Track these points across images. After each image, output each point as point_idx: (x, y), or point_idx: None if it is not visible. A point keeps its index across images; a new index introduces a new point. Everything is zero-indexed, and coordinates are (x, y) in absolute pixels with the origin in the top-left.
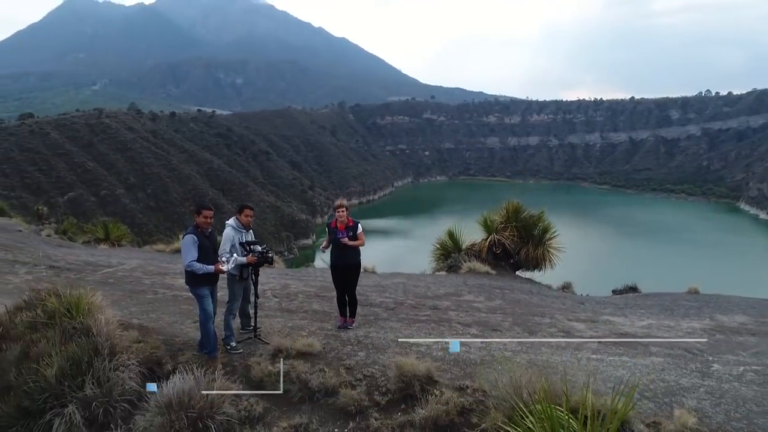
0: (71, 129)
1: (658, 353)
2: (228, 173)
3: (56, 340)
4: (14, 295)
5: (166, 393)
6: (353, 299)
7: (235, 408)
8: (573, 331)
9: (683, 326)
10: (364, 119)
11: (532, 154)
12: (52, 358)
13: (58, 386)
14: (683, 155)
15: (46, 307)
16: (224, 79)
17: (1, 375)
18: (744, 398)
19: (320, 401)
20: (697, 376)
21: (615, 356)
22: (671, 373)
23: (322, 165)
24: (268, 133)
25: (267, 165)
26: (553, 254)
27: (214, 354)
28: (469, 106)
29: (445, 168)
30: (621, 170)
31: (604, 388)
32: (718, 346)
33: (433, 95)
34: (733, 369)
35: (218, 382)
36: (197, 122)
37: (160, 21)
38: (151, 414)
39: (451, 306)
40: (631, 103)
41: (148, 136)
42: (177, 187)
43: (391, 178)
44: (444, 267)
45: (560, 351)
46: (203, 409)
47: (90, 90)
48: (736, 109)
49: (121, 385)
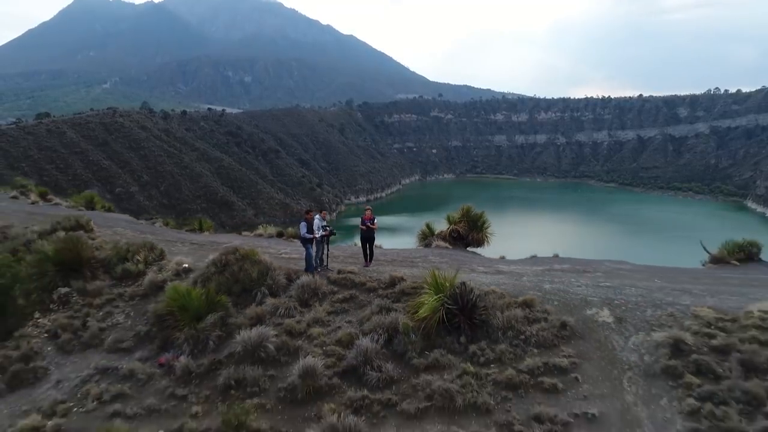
0: (86, 128)
1: (504, 275)
2: (238, 171)
3: (250, 264)
4: (197, 254)
5: (298, 283)
6: (372, 253)
7: (326, 289)
8: (476, 269)
9: (531, 269)
10: (372, 117)
11: (540, 152)
12: (252, 270)
13: (257, 280)
14: (691, 153)
15: (239, 254)
16: (233, 77)
17: (239, 276)
18: (524, 286)
19: (358, 287)
20: (513, 278)
21: (486, 275)
22: (503, 279)
23: (330, 163)
24: (277, 132)
25: (276, 163)
26: (488, 236)
27: (311, 271)
28: (477, 104)
29: (452, 166)
30: (628, 168)
31: (473, 283)
32: (541, 274)
33: (440, 93)
34: (533, 278)
35: (317, 279)
36: (208, 121)
37: (170, 19)
38: (293, 290)
39: (420, 261)
40: (639, 101)
41: (160, 134)
42: (189, 185)
43: (398, 176)
44: (422, 244)
45: (467, 273)
46: (315, 287)
47: (101, 88)
48: (745, 107)
49: (279, 281)
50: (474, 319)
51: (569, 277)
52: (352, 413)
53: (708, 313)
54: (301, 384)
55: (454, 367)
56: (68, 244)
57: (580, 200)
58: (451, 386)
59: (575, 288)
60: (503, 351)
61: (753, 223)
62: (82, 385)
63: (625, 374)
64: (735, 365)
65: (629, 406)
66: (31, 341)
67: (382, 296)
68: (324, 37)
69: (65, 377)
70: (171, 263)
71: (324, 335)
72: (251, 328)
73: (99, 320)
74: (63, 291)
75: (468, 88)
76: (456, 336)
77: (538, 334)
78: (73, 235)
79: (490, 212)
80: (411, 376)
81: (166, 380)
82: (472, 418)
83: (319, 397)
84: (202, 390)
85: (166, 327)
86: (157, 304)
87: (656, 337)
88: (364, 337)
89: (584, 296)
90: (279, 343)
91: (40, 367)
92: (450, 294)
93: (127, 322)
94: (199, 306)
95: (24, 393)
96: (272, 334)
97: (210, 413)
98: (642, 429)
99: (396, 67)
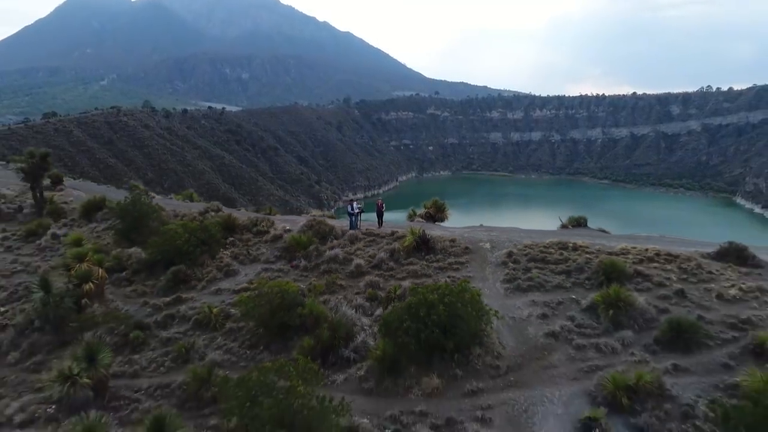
0: (92, 127)
1: (447, 231)
2: (239, 168)
3: (323, 225)
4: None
5: (348, 234)
6: (382, 222)
7: (360, 236)
8: (434, 229)
9: (463, 229)
10: (369, 115)
11: (535, 149)
12: (325, 228)
13: (328, 232)
14: (683, 150)
15: (316, 220)
16: (230, 74)
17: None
18: (454, 235)
19: (376, 235)
20: (449, 232)
21: (437, 231)
22: (445, 233)
23: (328, 160)
24: (275, 129)
25: (275, 160)
26: (448, 215)
27: (353, 229)
28: (473, 101)
29: (448, 163)
30: (621, 165)
31: (430, 233)
32: (467, 232)
33: (437, 90)
34: (461, 232)
35: (356, 232)
36: (208, 119)
37: (166, 15)
38: (345, 237)
39: (407, 226)
40: (633, 99)
41: (163, 133)
42: (192, 182)
43: (395, 173)
44: (408, 220)
45: (429, 231)
46: (355, 236)
47: (98, 85)
48: (737, 105)
49: (337, 233)
50: (428, 246)
51: (479, 232)
52: (376, 278)
53: (528, 243)
54: (355, 270)
55: (418, 263)
56: (227, 217)
57: (573, 197)
58: (416, 269)
59: (478, 235)
60: (439, 257)
61: (740, 218)
62: (257, 275)
63: (488, 265)
64: (525, 260)
65: (486, 274)
66: (224, 259)
67: (387, 238)
68: (321, 34)
69: (248, 272)
70: (279, 227)
71: (362, 253)
72: (330, 250)
73: (253, 251)
74: (230, 239)
75: (465, 85)
76: (420, 253)
77: (454, 251)
78: (227, 212)
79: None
80: (400, 267)
81: (295, 272)
82: (424, 279)
83: (362, 274)
84: (313, 274)
85: (289, 252)
86: (284, 242)
87: (503, 251)
88: (380, 252)
89: (480, 238)
90: (343, 255)
91: (234, 269)
92: (418, 236)
93: (267, 252)
94: (305, 241)
95: (231, 279)
96: (340, 252)
97: (318, 280)
98: (488, 279)
99: (393, 64)
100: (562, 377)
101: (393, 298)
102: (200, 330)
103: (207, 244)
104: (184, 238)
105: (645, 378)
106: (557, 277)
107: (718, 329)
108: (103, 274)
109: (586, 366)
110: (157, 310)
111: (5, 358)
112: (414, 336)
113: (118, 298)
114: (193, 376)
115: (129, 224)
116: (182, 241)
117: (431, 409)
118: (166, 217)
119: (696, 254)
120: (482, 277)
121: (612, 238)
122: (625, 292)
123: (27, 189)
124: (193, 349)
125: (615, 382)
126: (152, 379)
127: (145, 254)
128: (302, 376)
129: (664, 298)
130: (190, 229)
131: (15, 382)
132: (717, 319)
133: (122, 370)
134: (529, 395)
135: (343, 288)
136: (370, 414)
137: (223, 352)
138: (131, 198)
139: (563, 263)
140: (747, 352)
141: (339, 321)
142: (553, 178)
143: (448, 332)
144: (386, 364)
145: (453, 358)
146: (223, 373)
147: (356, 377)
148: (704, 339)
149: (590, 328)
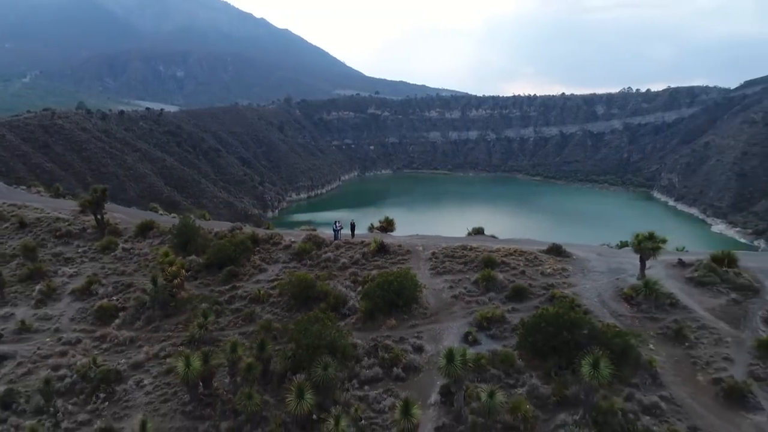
0: (25, 130)
1: (394, 239)
2: (181, 171)
3: (318, 238)
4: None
5: (334, 243)
6: (354, 234)
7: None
8: (386, 238)
9: (405, 237)
10: (310, 115)
11: (472, 148)
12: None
13: (322, 242)
14: (607, 148)
15: (313, 234)
16: (165, 72)
17: (316, 240)
18: (400, 242)
19: (351, 244)
20: (396, 240)
21: (388, 239)
22: (393, 240)
23: (271, 161)
24: (216, 130)
25: (218, 162)
26: (395, 228)
27: (336, 240)
28: (412, 101)
29: (390, 162)
30: (552, 162)
31: (386, 240)
32: (408, 238)
33: (377, 90)
34: (404, 239)
35: (338, 242)
36: (147, 120)
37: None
38: (333, 245)
39: (369, 237)
40: (562, 99)
41: (100, 135)
42: (133, 185)
43: (338, 172)
44: (368, 230)
45: (384, 239)
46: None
47: (20, 82)
48: (654, 105)
49: (327, 242)
50: (385, 249)
51: (416, 239)
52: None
53: (445, 246)
54: (342, 265)
55: (380, 260)
56: (252, 233)
57: (509, 194)
58: (379, 263)
59: (415, 241)
60: (392, 256)
61: (656, 211)
62: (281, 270)
63: (421, 260)
64: (443, 256)
65: (420, 265)
66: (256, 262)
67: (359, 245)
68: (258, 31)
69: (273, 269)
70: (286, 239)
71: (345, 254)
72: (324, 254)
73: (273, 256)
74: (257, 248)
75: (404, 84)
76: (381, 254)
77: (400, 252)
78: (252, 230)
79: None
80: (369, 263)
81: (304, 268)
82: (384, 269)
83: (347, 268)
84: (316, 268)
85: (298, 255)
86: (293, 249)
87: (430, 252)
88: (356, 254)
89: (416, 243)
90: (333, 256)
91: (263, 268)
92: (379, 243)
93: (282, 256)
94: (308, 248)
95: (263, 274)
96: (331, 254)
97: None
98: (421, 268)
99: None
100: (458, 316)
101: (367, 280)
102: (254, 303)
103: (245, 252)
104: (231, 249)
105: (496, 313)
106: (459, 266)
107: (538, 290)
108: (184, 273)
109: (470, 310)
110: (221, 294)
111: (132, 325)
112: (381, 299)
113: (192, 288)
114: (260, 326)
115: (183, 240)
116: (232, 251)
117: (392, 334)
118: (206, 234)
119: (536, 251)
120: (417, 267)
121: (496, 242)
122: (494, 273)
123: (78, 213)
124: (254, 313)
125: (482, 315)
126: (233, 330)
127: (202, 260)
128: (328, 318)
129: (514, 275)
130: (235, 243)
131: (146, 338)
132: (538, 284)
133: (214, 327)
134: (441, 326)
135: (336, 276)
136: (361, 339)
137: (271, 315)
138: (182, 222)
139: (464, 258)
140: (548, 300)
141: (338, 294)
142: (489, 176)
143: (399, 296)
144: (366, 315)
145: (402, 310)
146: (275, 324)
147: (351, 323)
148: (529, 295)
149: (474, 293)
